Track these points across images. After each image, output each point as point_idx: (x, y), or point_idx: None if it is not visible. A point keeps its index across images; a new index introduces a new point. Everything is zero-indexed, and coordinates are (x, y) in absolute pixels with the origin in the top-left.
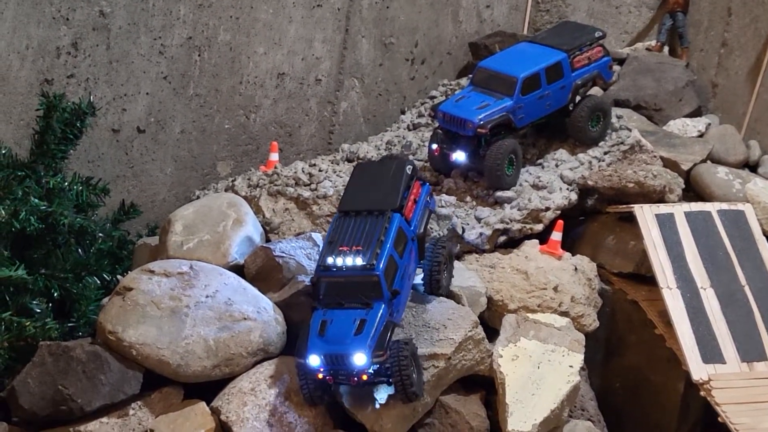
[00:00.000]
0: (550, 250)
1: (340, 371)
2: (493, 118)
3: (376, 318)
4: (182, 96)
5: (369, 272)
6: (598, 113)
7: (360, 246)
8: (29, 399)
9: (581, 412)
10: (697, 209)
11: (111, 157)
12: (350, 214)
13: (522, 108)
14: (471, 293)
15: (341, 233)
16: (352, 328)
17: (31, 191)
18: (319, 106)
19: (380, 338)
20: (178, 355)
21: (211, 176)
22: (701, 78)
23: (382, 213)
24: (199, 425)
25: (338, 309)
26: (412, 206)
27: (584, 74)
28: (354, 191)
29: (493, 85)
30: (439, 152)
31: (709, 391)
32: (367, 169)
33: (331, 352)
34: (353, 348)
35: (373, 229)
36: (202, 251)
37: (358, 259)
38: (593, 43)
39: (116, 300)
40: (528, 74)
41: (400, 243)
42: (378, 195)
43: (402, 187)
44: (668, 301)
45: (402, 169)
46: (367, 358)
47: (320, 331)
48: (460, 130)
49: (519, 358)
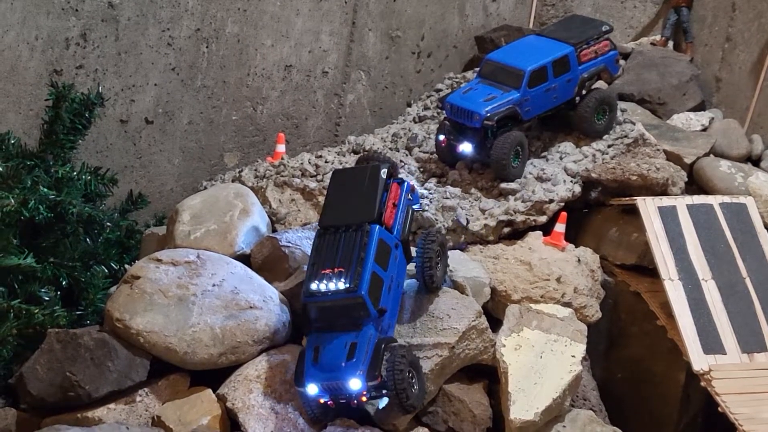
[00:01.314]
0: (554, 241)
1: (339, 396)
2: (500, 111)
3: (366, 340)
4: (190, 87)
5: (353, 294)
6: (605, 106)
7: (341, 267)
8: (38, 385)
9: (583, 402)
10: (699, 202)
11: (119, 147)
12: (330, 230)
13: (529, 101)
14: (475, 284)
15: (322, 254)
16: (344, 353)
17: (40, 180)
18: (326, 98)
19: (373, 360)
20: (185, 342)
21: (218, 167)
22: (705, 73)
23: (359, 227)
24: (206, 412)
25: (329, 332)
26: (392, 211)
27: (591, 68)
28: (332, 203)
29: (501, 77)
30: (446, 143)
31: (709, 382)
32: (344, 177)
33: (327, 380)
34: (347, 374)
35: (353, 246)
36: (209, 241)
37: (340, 282)
38: (600, 37)
39: (124, 288)
40: (535, 67)
41: (383, 255)
42: (355, 207)
43: (378, 196)
44: (670, 293)
45: (377, 175)
46: (362, 383)
47: (314, 359)
48: (467, 122)
49: (522, 347)
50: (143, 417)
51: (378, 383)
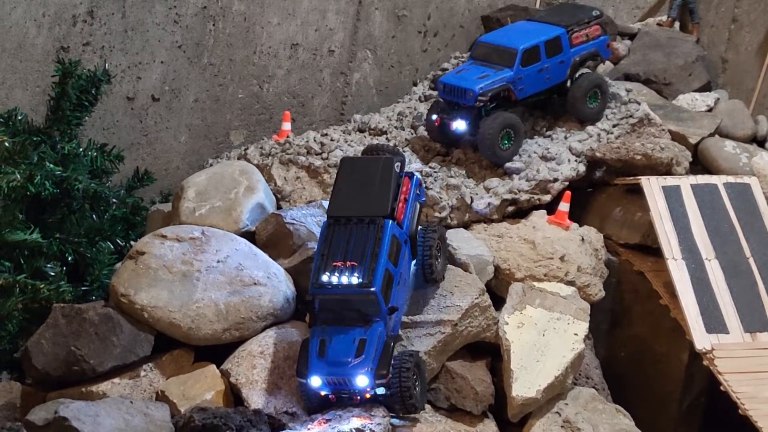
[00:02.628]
0: (558, 220)
1: (342, 391)
2: (493, 87)
3: (375, 337)
4: (196, 65)
5: (366, 290)
6: (596, 90)
7: (354, 261)
8: (43, 359)
9: (586, 380)
10: (703, 182)
11: (126, 124)
12: (340, 221)
13: (522, 79)
14: (478, 262)
15: (333, 245)
16: (353, 349)
17: (46, 156)
18: (332, 77)
19: (382, 358)
20: (189, 318)
21: (224, 145)
22: (711, 53)
23: (373, 221)
24: (209, 387)
25: (336, 326)
26: (403, 207)
27: (582, 51)
28: (343, 193)
29: (494, 57)
30: (439, 122)
31: (711, 361)
32: (354, 166)
33: (333, 375)
34: (355, 371)
35: (366, 239)
36: (213, 217)
37: (353, 277)
38: (591, 22)
39: (129, 264)
40: (528, 46)
41: (394, 251)
42: (368, 199)
43: (392, 190)
44: (673, 272)
45: (390, 169)
46: (369, 380)
47: (320, 352)
48: (461, 100)
49: (525, 325)
50: (147, 391)
51: (386, 381)
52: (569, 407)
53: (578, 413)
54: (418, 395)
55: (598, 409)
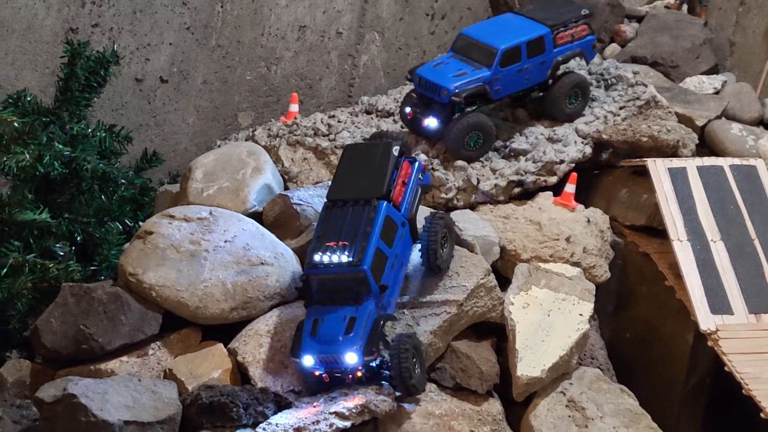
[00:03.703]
0: (564, 201)
1: (334, 370)
2: (468, 88)
3: (365, 315)
4: (205, 47)
5: (355, 269)
6: (577, 90)
7: (346, 241)
8: (52, 338)
9: (591, 360)
10: (709, 164)
11: (134, 106)
12: (338, 204)
13: (499, 80)
14: (484, 242)
15: (329, 226)
16: (342, 327)
17: (55, 137)
18: (340, 59)
19: (370, 336)
20: (197, 297)
21: (232, 126)
22: (719, 36)
23: (367, 202)
24: (217, 365)
25: (329, 306)
26: (401, 189)
27: (566, 51)
28: (342, 178)
29: (473, 53)
30: (411, 116)
31: (716, 341)
32: (356, 152)
33: (323, 353)
34: (343, 348)
35: (359, 220)
36: (221, 198)
37: (344, 255)
38: (579, 21)
39: (137, 243)
40: (509, 46)
41: (389, 232)
42: (364, 182)
43: (388, 173)
44: (678, 254)
45: (389, 153)
46: (358, 357)
47: (312, 331)
48: (435, 96)
49: (530, 305)
50: (155, 370)
51: (381, 361)
52: (574, 387)
53: (583, 393)
54: (418, 376)
55: (603, 389)
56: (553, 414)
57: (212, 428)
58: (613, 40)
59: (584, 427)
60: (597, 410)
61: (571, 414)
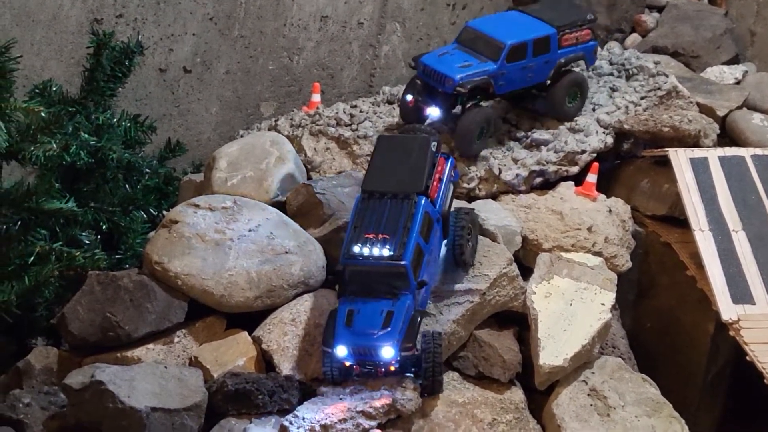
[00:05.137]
0: (585, 191)
1: (367, 362)
2: (473, 80)
3: (403, 310)
4: (227, 37)
5: (396, 263)
6: (576, 89)
7: (386, 234)
8: (78, 325)
9: (612, 349)
10: (731, 154)
11: (158, 96)
12: (374, 196)
13: (504, 75)
14: (506, 232)
15: (366, 218)
16: (380, 320)
17: (81, 127)
18: (361, 49)
19: (408, 331)
20: (222, 285)
21: (254, 116)
22: (740, 26)
23: (407, 197)
24: (242, 353)
25: (364, 299)
26: (437, 185)
27: (569, 54)
28: (378, 169)
29: (479, 47)
30: (413, 104)
31: (737, 331)
32: (391, 144)
33: (359, 344)
34: (381, 341)
35: (399, 214)
36: (245, 187)
37: (385, 249)
38: (584, 25)
39: (162, 232)
40: (516, 42)
41: (426, 228)
42: (402, 176)
43: (427, 168)
44: (700, 243)
45: (427, 147)
46: (395, 351)
47: (347, 322)
48: (439, 86)
49: (552, 295)
50: (181, 357)
51: (411, 357)
52: (596, 376)
53: (605, 382)
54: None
55: (625, 378)
56: (576, 403)
57: (238, 415)
58: (633, 30)
59: (606, 416)
60: (619, 399)
61: (593, 403)
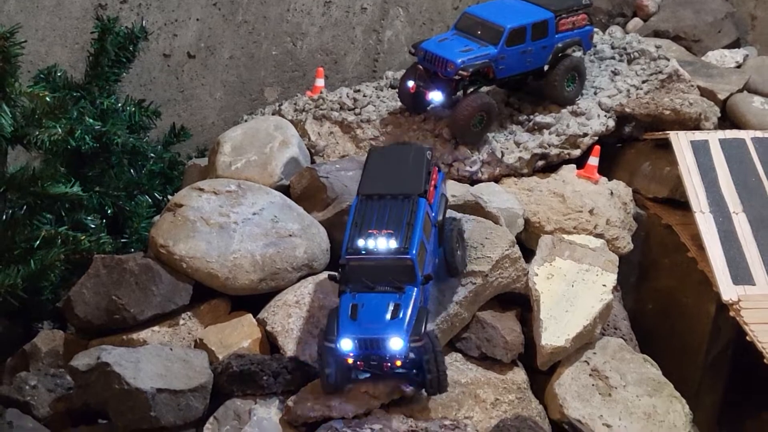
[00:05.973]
0: (587, 174)
1: (372, 356)
2: (475, 63)
3: (410, 302)
4: (231, 22)
5: (402, 255)
6: (574, 73)
7: (389, 229)
8: (84, 308)
9: (614, 331)
10: (731, 136)
11: (162, 81)
12: (373, 198)
13: (504, 59)
14: (509, 214)
15: (366, 216)
16: (387, 312)
17: (86, 112)
18: (365, 34)
19: (417, 323)
20: (227, 268)
21: (258, 101)
22: (740, 10)
23: (407, 197)
24: (246, 335)
25: (369, 293)
26: (433, 192)
27: (566, 38)
28: (373, 175)
29: (478, 32)
30: (415, 90)
31: (738, 312)
32: (384, 153)
33: (366, 335)
34: (390, 332)
35: (401, 212)
36: (249, 171)
37: (391, 241)
38: (580, 10)
39: (167, 216)
40: (515, 26)
41: (427, 228)
42: (401, 179)
43: (424, 173)
44: (701, 225)
45: (423, 155)
46: (404, 343)
47: (352, 315)
48: (440, 71)
49: (554, 276)
50: (186, 339)
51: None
52: (597, 356)
53: (606, 362)
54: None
55: (626, 359)
56: (577, 383)
57: (243, 396)
58: (635, 14)
59: (608, 396)
60: (620, 379)
61: (594, 383)
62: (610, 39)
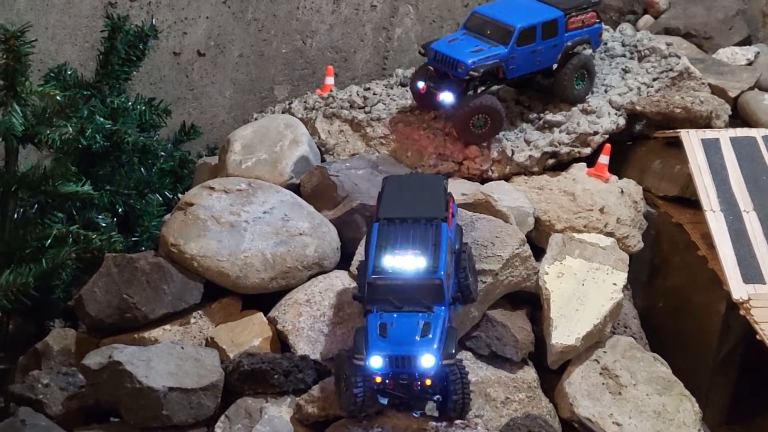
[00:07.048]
0: (598, 173)
1: (402, 375)
2: (486, 64)
3: (439, 321)
4: (241, 20)
5: (431, 276)
6: (583, 71)
7: (416, 250)
8: (96, 307)
9: (624, 329)
10: (742, 135)
11: (172, 79)
12: (395, 222)
13: (514, 59)
14: (519, 213)
15: (391, 238)
16: (418, 330)
17: (96, 110)
18: (374, 32)
19: (447, 342)
20: (237, 267)
21: (268, 99)
22: (751, 7)
23: (430, 221)
24: (257, 334)
25: (397, 312)
26: (451, 220)
27: (576, 37)
28: (392, 201)
29: (488, 31)
30: (425, 91)
31: (748, 310)
32: (401, 181)
33: (397, 353)
34: (421, 349)
35: (426, 234)
36: (259, 169)
37: (419, 261)
38: (589, 8)
39: (178, 214)
40: (525, 26)
41: (450, 252)
42: (422, 205)
43: (444, 199)
44: (711, 224)
45: (440, 183)
46: (435, 360)
47: (381, 333)
48: (450, 71)
49: (564, 275)
50: (197, 338)
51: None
52: (607, 355)
53: (616, 361)
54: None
55: (636, 357)
56: (588, 381)
57: (254, 394)
58: (646, 11)
59: (618, 394)
60: (630, 378)
61: (604, 381)
62: (620, 36)
